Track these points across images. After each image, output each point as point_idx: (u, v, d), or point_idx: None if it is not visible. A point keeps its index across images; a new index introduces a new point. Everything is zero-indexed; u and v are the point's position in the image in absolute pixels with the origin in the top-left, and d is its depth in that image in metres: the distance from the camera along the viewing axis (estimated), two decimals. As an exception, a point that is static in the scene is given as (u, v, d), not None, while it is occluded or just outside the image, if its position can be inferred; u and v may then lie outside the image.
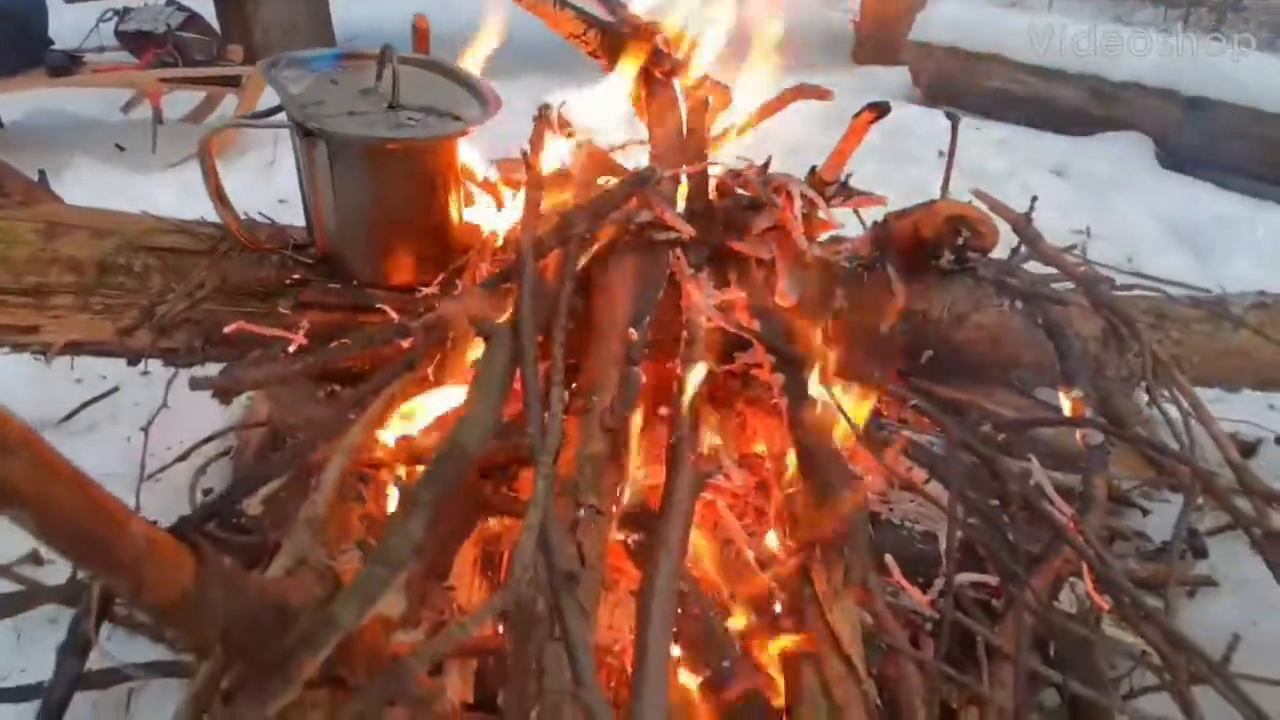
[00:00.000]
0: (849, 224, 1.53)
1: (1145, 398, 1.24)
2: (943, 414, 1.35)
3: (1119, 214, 3.08)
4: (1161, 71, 3.64)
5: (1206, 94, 3.47)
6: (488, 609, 0.49)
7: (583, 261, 1.02)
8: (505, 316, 0.83)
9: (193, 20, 3.08)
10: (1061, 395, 1.26)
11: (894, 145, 3.45)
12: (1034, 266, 1.53)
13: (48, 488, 0.43)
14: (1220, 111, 3.43)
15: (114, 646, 1.11)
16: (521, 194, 1.00)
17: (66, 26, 3.13)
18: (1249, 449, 1.64)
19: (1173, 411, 1.21)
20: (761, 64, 1.46)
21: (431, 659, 0.51)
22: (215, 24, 3.44)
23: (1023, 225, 1.38)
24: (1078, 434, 1.24)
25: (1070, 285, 1.37)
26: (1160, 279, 2.59)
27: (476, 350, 0.88)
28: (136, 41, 3.00)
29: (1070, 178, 3.45)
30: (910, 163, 3.45)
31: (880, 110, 1.01)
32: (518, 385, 0.78)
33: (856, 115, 1.05)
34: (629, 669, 0.79)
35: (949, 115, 1.50)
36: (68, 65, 2.85)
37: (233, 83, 3.08)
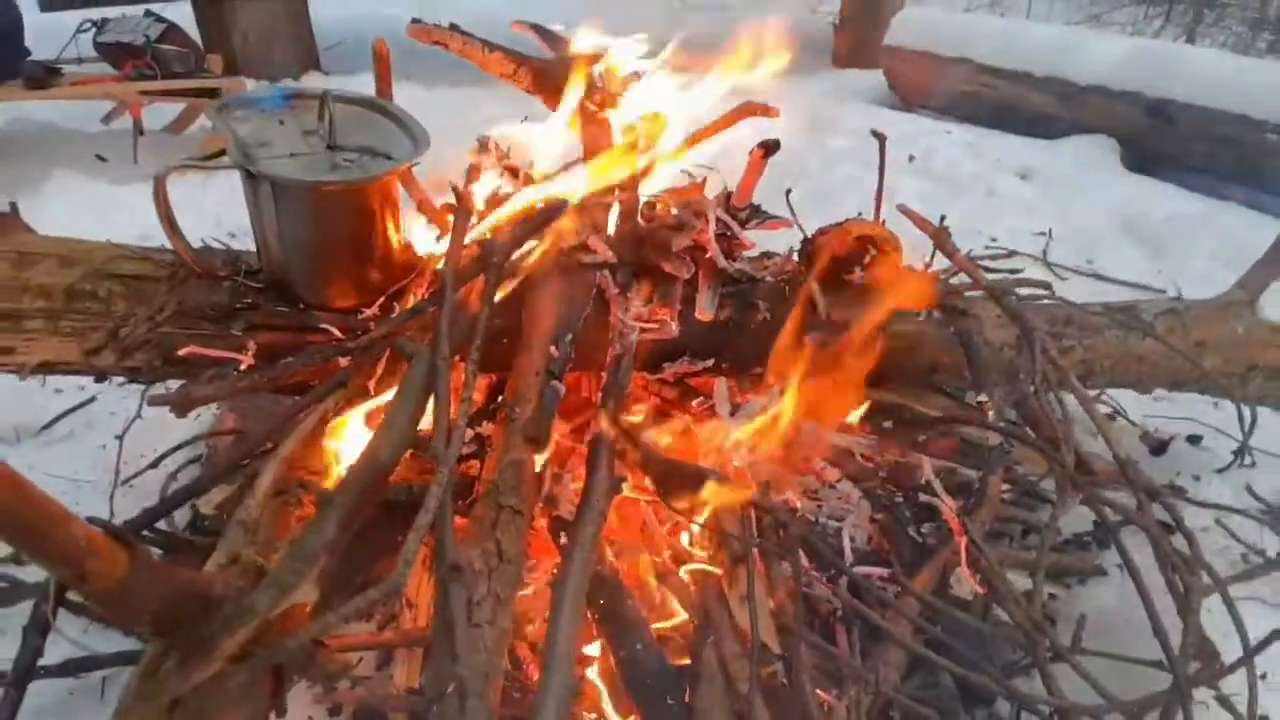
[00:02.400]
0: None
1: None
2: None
3: (1082, 215, 3.17)
4: (1127, 74, 3.70)
5: (1170, 96, 3.54)
6: (363, 601, 0.59)
7: (513, 285, 1.12)
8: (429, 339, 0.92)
9: (171, 31, 3.11)
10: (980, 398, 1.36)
11: (866, 149, 3.53)
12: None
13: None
14: (1183, 113, 3.50)
15: (90, 639, 1.21)
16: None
17: (46, 37, 3.15)
18: (1160, 446, 1.74)
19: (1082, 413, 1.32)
20: (724, 77, 1.52)
21: (315, 636, 0.60)
22: (195, 31, 3.47)
23: (941, 238, 1.48)
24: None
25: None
26: (1113, 278, 2.67)
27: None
28: (115, 53, 3.03)
29: (1036, 180, 3.53)
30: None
31: (768, 148, 1.10)
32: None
33: (750, 152, 1.14)
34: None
35: (875, 135, 1.59)
36: (44, 77, 2.88)
37: (212, 94, 3.13)
